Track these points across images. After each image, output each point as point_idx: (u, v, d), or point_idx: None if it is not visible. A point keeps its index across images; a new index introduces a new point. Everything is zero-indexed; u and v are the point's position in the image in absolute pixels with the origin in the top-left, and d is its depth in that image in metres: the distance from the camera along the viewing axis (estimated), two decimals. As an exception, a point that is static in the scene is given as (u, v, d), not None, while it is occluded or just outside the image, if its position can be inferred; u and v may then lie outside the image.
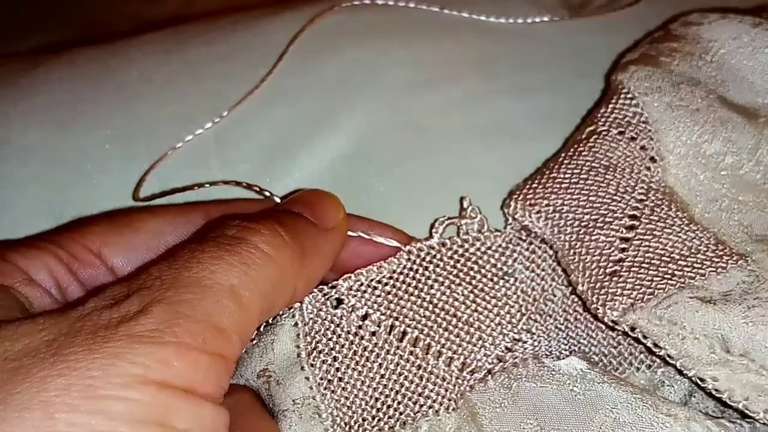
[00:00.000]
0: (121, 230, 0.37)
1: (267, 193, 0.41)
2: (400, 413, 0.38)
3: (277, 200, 0.41)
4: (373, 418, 0.38)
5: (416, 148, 0.45)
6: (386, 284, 0.39)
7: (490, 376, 0.38)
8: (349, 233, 0.39)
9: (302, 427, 0.37)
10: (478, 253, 0.40)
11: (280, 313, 0.39)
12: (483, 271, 0.40)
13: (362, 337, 0.38)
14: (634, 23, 0.48)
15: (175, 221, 0.38)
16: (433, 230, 0.40)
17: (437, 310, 0.39)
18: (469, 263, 0.40)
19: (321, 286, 0.39)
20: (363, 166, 0.45)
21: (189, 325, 0.28)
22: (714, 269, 0.36)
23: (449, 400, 0.38)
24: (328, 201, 0.39)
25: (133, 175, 0.45)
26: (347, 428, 0.37)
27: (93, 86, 0.49)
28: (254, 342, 0.38)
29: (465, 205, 0.41)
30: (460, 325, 0.39)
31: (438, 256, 0.40)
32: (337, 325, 0.38)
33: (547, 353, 0.39)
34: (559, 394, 0.36)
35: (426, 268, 0.40)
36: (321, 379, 0.38)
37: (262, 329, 0.39)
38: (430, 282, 0.39)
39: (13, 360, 0.26)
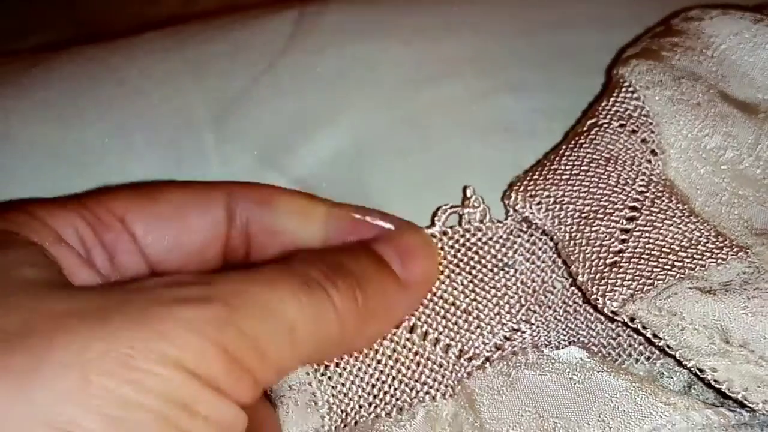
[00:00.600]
0: (144, 199, 0.37)
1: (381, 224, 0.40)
2: (397, 399, 0.38)
3: (388, 226, 0.40)
4: (370, 405, 0.37)
5: (415, 145, 0.45)
6: None
7: (488, 363, 0.38)
8: (355, 215, 0.39)
9: (298, 414, 0.37)
10: (479, 243, 0.40)
11: None
12: (483, 261, 0.40)
13: None
14: (633, 20, 0.48)
15: (196, 197, 0.38)
16: (436, 218, 0.40)
17: (435, 299, 0.39)
18: (469, 253, 0.40)
19: None
20: (362, 162, 0.45)
21: (236, 337, 0.28)
22: (714, 260, 0.36)
23: (446, 386, 0.38)
24: (424, 250, 0.39)
25: (132, 169, 0.45)
26: (344, 415, 0.37)
27: (93, 83, 0.49)
28: None
29: (468, 194, 0.41)
30: (458, 313, 0.39)
31: (439, 245, 0.40)
32: None
33: (546, 343, 0.39)
34: (558, 382, 0.36)
35: None
36: (317, 364, 0.38)
37: None
38: None
39: (59, 318, 0.27)
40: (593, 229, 0.37)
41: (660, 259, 0.36)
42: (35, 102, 0.48)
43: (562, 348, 0.38)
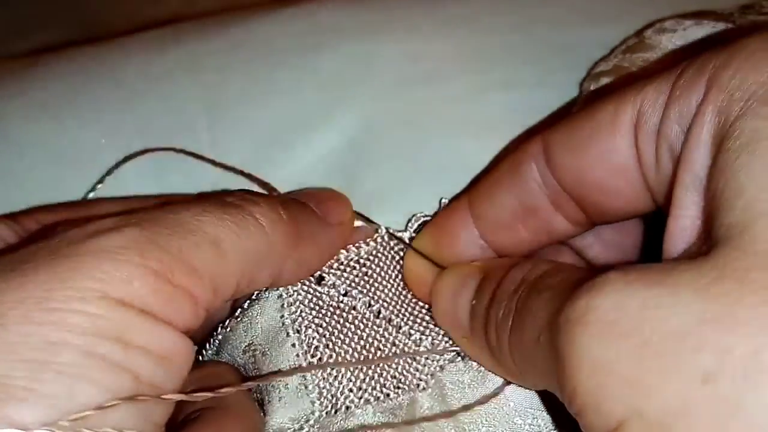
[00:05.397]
0: (78, 210, 0.37)
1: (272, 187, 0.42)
2: (382, 386, 0.38)
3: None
4: (359, 390, 0.38)
5: (410, 142, 0.45)
6: (363, 264, 0.40)
7: (459, 357, 0.38)
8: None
9: (289, 398, 0.37)
10: None
11: (264, 290, 0.39)
12: None
13: (344, 310, 0.39)
14: (625, 18, 0.47)
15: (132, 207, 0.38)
16: (409, 225, 0.41)
17: (405, 295, 0.40)
18: None
19: None
20: (357, 160, 0.45)
21: (159, 254, 0.28)
22: None
23: (420, 379, 0.38)
24: (336, 198, 0.39)
25: (128, 169, 0.46)
26: (334, 400, 0.37)
27: (90, 82, 0.49)
28: (239, 319, 0.39)
29: (442, 205, 0.42)
30: (424, 311, 0.39)
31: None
32: (320, 299, 0.39)
33: None
34: None
35: (394, 258, 0.40)
36: (308, 346, 0.38)
37: (246, 306, 0.39)
38: (397, 271, 0.40)
39: None
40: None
41: None
42: (32, 102, 0.48)
43: None
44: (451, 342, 0.38)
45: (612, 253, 0.37)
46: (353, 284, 0.39)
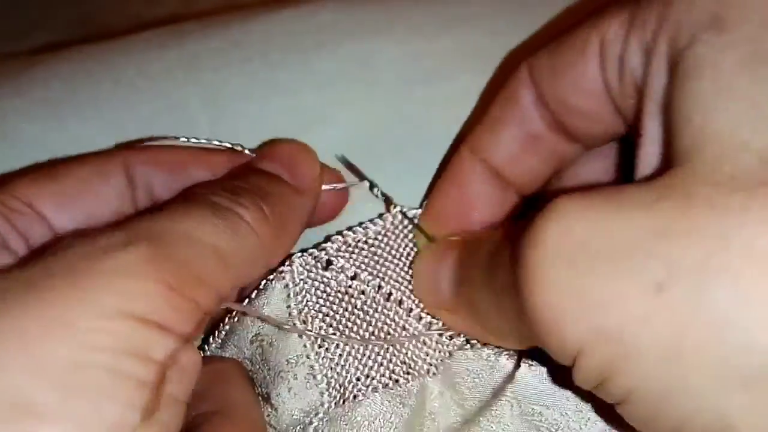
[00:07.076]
0: (47, 180, 0.37)
1: (239, 148, 0.42)
2: (391, 371, 0.38)
3: (248, 153, 0.41)
4: (367, 377, 0.38)
5: (410, 143, 0.46)
6: (371, 245, 0.40)
7: (469, 345, 0.38)
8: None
9: (299, 389, 0.37)
10: None
11: (270, 278, 0.39)
12: None
13: (352, 296, 0.39)
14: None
15: (95, 168, 0.38)
16: (424, 204, 0.41)
17: None
18: None
19: (311, 250, 0.40)
20: (357, 160, 0.45)
21: (173, 267, 0.28)
22: None
23: (430, 364, 0.38)
24: (305, 158, 0.40)
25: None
26: (342, 390, 0.37)
27: (90, 81, 0.49)
28: None
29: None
30: None
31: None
32: (327, 285, 0.39)
33: None
34: (535, 373, 0.37)
35: (406, 236, 0.40)
36: (314, 336, 0.38)
37: (253, 296, 0.39)
38: (408, 250, 0.40)
39: None
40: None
41: None
42: (33, 101, 0.48)
43: None
44: None
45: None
46: (363, 266, 0.39)
